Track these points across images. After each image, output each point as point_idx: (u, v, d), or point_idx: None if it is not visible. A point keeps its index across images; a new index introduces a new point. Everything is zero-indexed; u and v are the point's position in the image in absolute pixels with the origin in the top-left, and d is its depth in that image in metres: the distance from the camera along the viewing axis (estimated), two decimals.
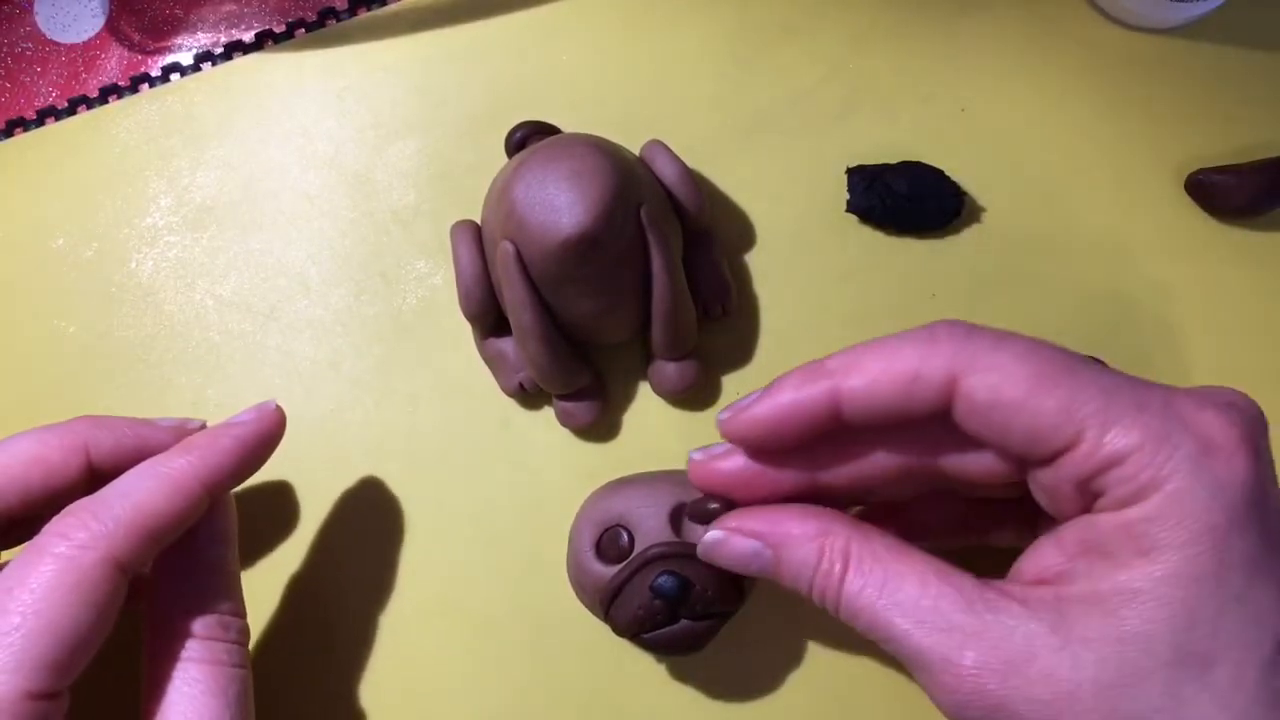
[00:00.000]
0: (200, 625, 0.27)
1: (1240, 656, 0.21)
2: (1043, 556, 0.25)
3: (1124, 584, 0.22)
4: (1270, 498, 0.22)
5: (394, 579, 0.34)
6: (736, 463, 0.27)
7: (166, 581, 0.28)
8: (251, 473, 0.30)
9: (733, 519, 0.27)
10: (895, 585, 0.24)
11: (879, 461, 0.26)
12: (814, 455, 0.26)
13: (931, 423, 0.25)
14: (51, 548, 0.25)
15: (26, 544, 0.26)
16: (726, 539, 0.27)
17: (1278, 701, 0.21)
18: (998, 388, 0.23)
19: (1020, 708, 0.22)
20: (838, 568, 0.25)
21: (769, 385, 0.26)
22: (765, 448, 0.27)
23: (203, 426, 0.31)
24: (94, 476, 0.28)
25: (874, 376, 0.24)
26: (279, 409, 0.31)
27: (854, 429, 0.25)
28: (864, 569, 0.25)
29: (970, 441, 0.25)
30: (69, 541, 0.25)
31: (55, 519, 0.26)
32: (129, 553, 0.26)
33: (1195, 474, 0.22)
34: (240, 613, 0.29)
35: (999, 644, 0.23)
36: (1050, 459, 0.23)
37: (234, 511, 0.30)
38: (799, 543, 0.26)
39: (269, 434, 0.30)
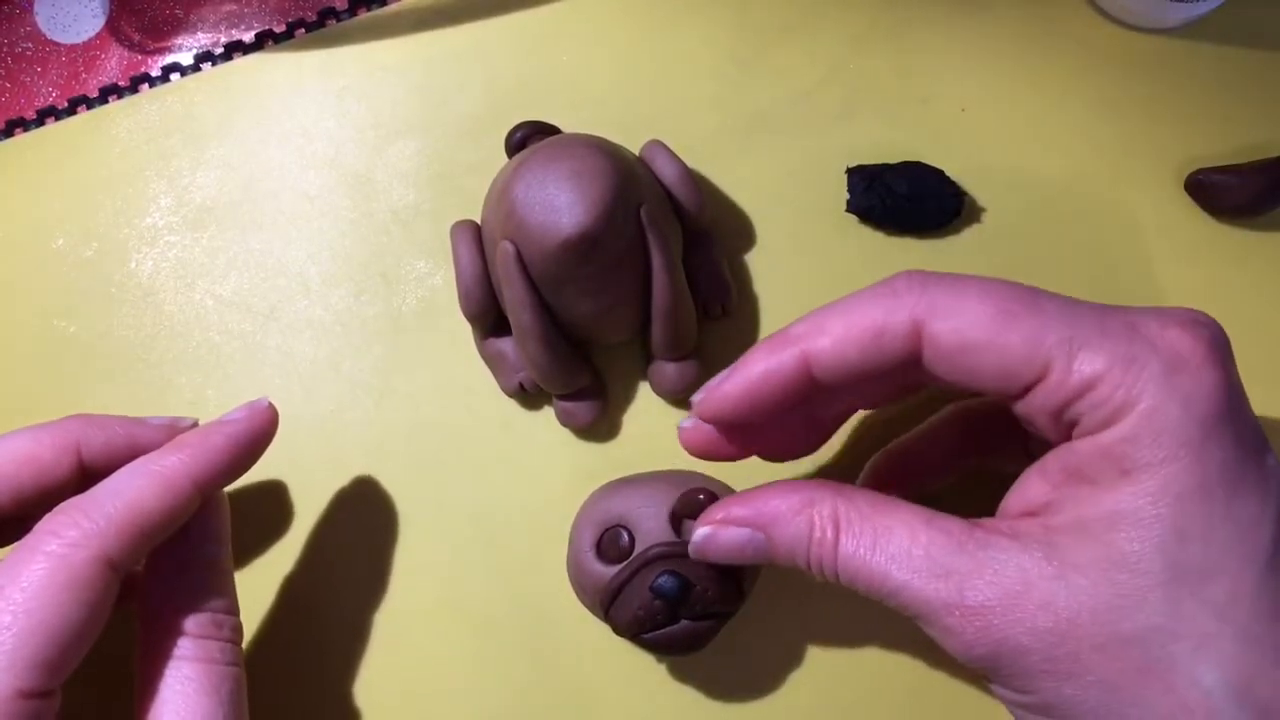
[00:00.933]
0: (193, 623, 0.27)
1: (1235, 568, 0.21)
2: (1029, 489, 0.25)
3: (1109, 507, 0.22)
4: (1242, 409, 0.23)
5: (394, 579, 0.34)
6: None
7: (159, 579, 0.28)
8: (244, 470, 0.30)
9: (717, 510, 0.27)
10: (886, 540, 0.24)
11: (859, 402, 0.27)
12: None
13: (905, 367, 0.25)
14: (43, 546, 0.25)
15: (17, 543, 0.26)
16: (715, 533, 0.27)
17: (1277, 612, 0.21)
18: (962, 330, 0.23)
19: (1024, 639, 0.22)
20: (829, 534, 0.25)
21: (738, 361, 0.26)
22: (742, 422, 0.27)
23: (194, 425, 0.31)
24: (85, 475, 0.28)
25: (839, 335, 0.25)
26: (271, 406, 0.31)
27: (829, 389, 0.26)
28: (854, 530, 0.25)
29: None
30: (60, 540, 0.25)
31: (47, 517, 0.26)
32: (121, 551, 0.26)
33: (1166, 390, 0.22)
34: (233, 610, 0.29)
35: (995, 580, 0.23)
36: (1023, 393, 0.24)
37: (226, 509, 0.30)
38: (787, 519, 0.26)
39: (261, 432, 0.30)
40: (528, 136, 0.35)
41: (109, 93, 0.39)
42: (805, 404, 0.27)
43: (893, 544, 0.24)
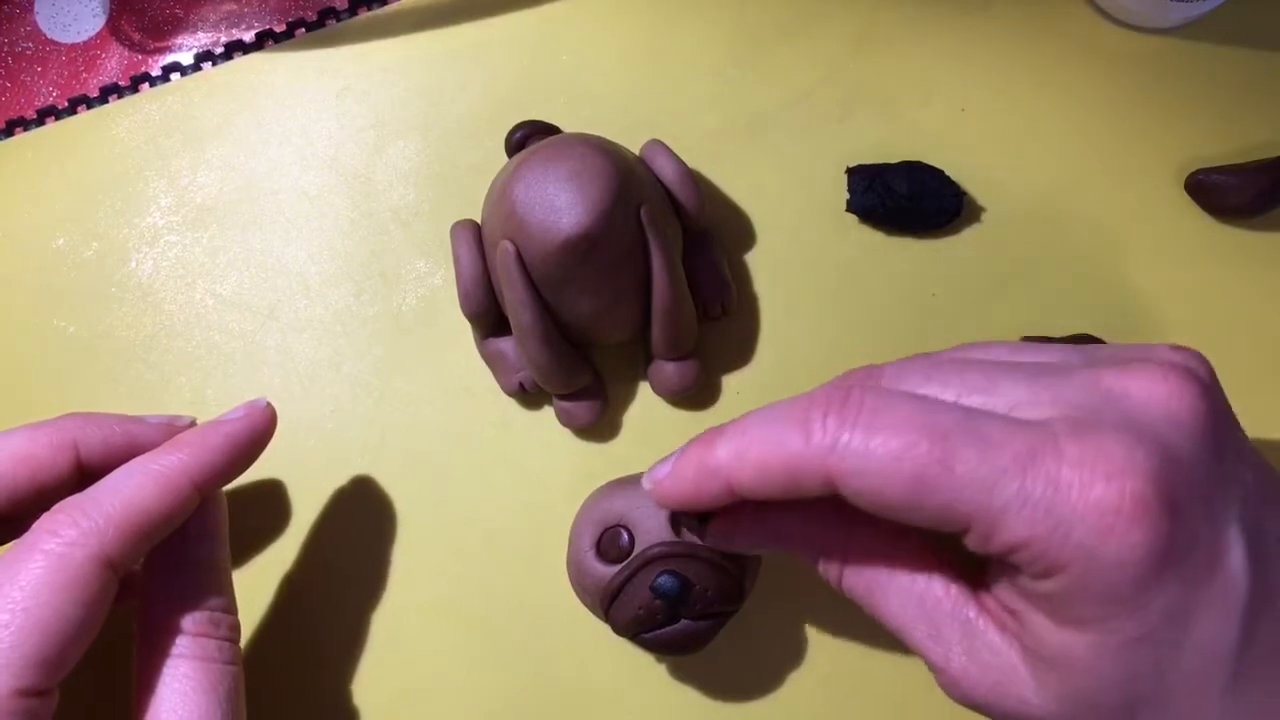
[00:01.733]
0: (190, 622, 0.27)
1: (1194, 693, 0.22)
2: (1005, 588, 0.24)
3: (1063, 647, 0.22)
4: (1187, 545, 0.21)
5: (393, 578, 0.34)
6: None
7: (157, 579, 0.28)
8: (242, 470, 0.30)
9: (737, 515, 0.27)
10: (887, 582, 0.25)
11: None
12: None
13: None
14: (41, 544, 0.25)
15: (15, 541, 0.26)
16: (731, 534, 0.27)
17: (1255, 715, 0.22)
18: (874, 494, 0.22)
19: (1006, 712, 0.24)
20: (834, 571, 0.26)
21: (676, 463, 0.25)
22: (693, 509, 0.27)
23: (192, 423, 0.31)
24: (83, 474, 0.28)
25: (759, 470, 0.24)
26: (269, 406, 0.31)
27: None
28: (860, 571, 0.26)
29: None
30: (59, 538, 0.25)
31: (45, 515, 0.26)
32: (119, 550, 0.25)
33: (1092, 557, 0.21)
34: (231, 609, 0.29)
35: (983, 663, 0.24)
36: (949, 536, 0.23)
37: (224, 509, 0.30)
38: (799, 542, 0.27)
39: (260, 431, 0.30)
40: (528, 136, 0.35)
41: (109, 92, 0.39)
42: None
43: (893, 589, 0.25)
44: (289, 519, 0.34)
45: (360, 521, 0.34)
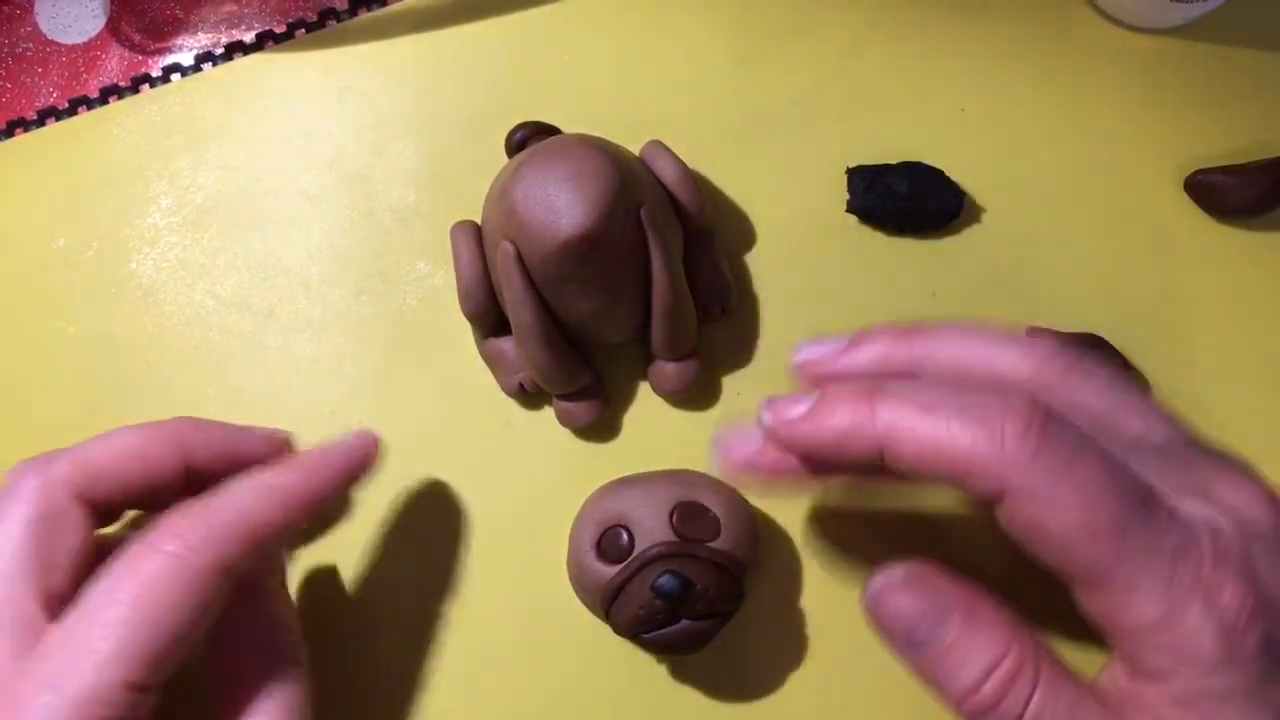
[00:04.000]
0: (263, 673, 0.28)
1: None
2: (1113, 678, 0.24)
3: (1133, 694, 0.23)
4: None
5: (393, 579, 0.34)
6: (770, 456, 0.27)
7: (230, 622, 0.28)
8: (338, 500, 0.30)
9: (903, 569, 0.25)
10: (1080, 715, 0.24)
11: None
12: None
13: None
14: (163, 545, 0.25)
15: (134, 536, 0.26)
16: (891, 589, 0.25)
17: None
18: (1039, 523, 0.23)
19: None
20: (1028, 676, 0.23)
21: (820, 408, 0.25)
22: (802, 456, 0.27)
23: (288, 439, 0.31)
24: (190, 476, 0.29)
25: (924, 451, 0.23)
26: (378, 439, 0.31)
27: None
28: (1054, 689, 0.23)
29: None
30: (180, 541, 0.25)
31: (167, 519, 0.26)
32: (235, 560, 0.26)
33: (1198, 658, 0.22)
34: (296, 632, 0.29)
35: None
36: (1069, 582, 0.24)
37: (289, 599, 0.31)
38: (987, 626, 0.24)
39: (368, 464, 0.30)
40: (528, 136, 0.35)
41: (109, 93, 0.39)
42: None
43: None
44: None
45: (359, 521, 0.34)
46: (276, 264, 0.37)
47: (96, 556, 0.26)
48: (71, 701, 0.23)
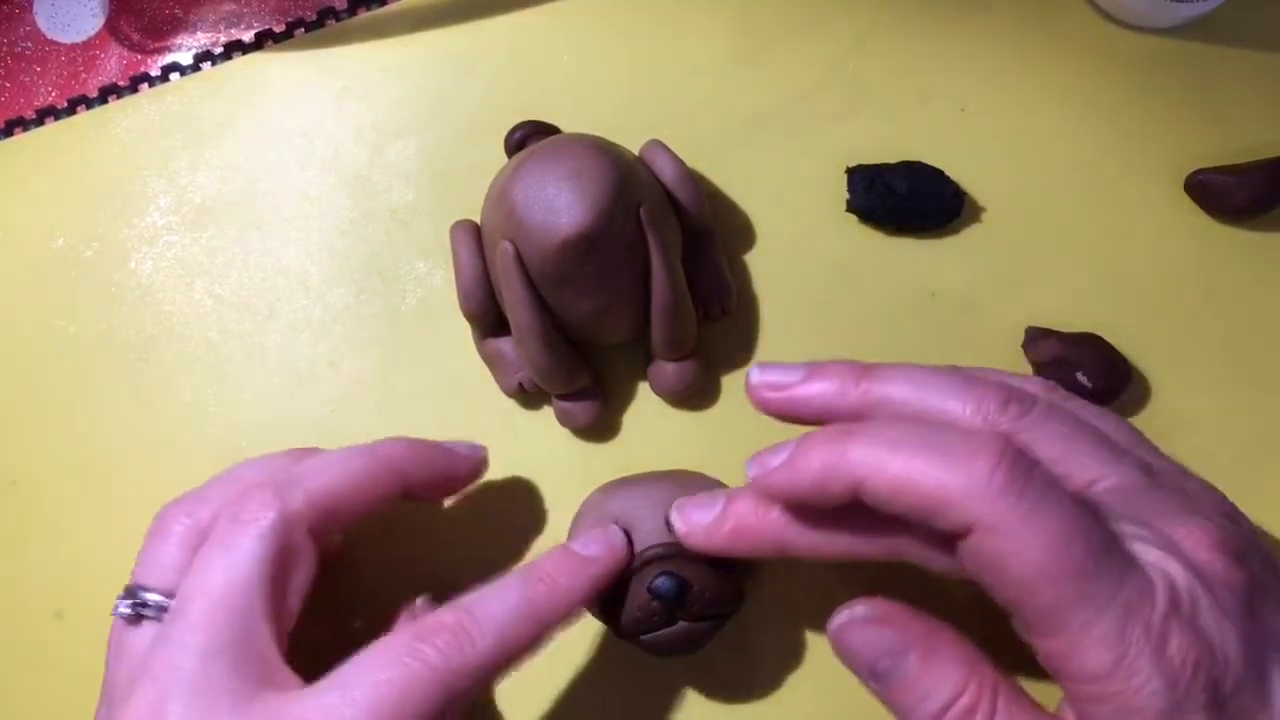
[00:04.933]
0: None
1: None
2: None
3: None
4: (1230, 694, 0.23)
5: (392, 579, 0.34)
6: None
7: None
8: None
9: (865, 605, 0.26)
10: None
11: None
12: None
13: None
14: (425, 652, 0.25)
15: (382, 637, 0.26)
16: (855, 624, 0.26)
17: None
18: (1002, 562, 0.23)
19: None
20: (984, 710, 0.24)
21: (795, 455, 0.25)
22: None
23: (485, 455, 0.32)
24: (405, 497, 0.30)
25: (897, 487, 0.24)
26: (623, 544, 0.29)
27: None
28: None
29: None
30: (442, 659, 0.25)
31: (438, 619, 0.26)
32: (484, 685, 0.26)
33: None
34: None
35: None
36: (1023, 624, 0.24)
37: None
38: (946, 662, 0.25)
39: (617, 571, 0.29)
40: (528, 136, 0.35)
41: (109, 92, 0.39)
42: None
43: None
44: None
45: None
46: (276, 264, 0.37)
47: None
48: None
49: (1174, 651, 0.22)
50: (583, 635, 0.33)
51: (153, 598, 0.27)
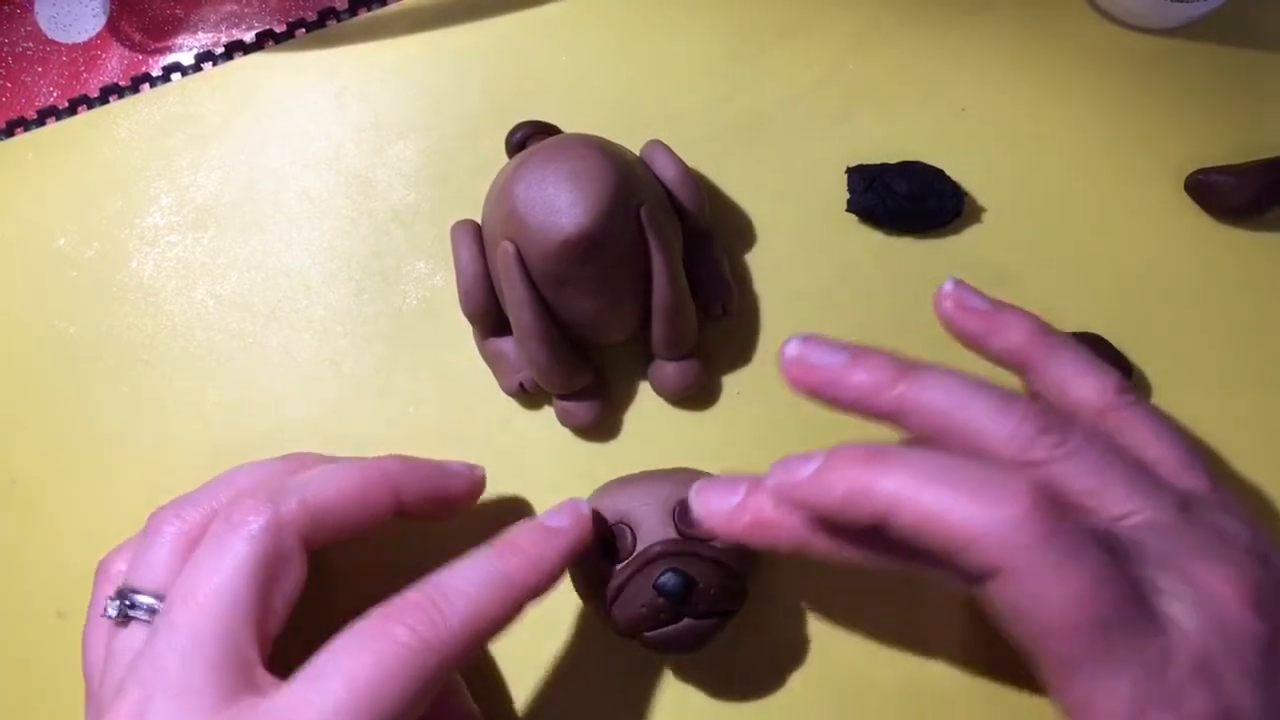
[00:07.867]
0: None
1: None
2: None
3: None
4: None
5: (392, 579, 0.34)
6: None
7: None
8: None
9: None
10: None
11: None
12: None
13: None
14: (394, 630, 0.25)
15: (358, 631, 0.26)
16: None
17: None
18: (1028, 607, 0.23)
19: None
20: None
21: (822, 472, 0.25)
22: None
23: (483, 475, 0.32)
24: (399, 515, 0.30)
25: (925, 522, 0.23)
26: (587, 513, 0.30)
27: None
28: None
29: None
30: (413, 634, 0.25)
31: (403, 599, 0.26)
32: (460, 659, 0.26)
33: None
34: None
35: None
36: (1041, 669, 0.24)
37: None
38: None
39: (585, 543, 0.29)
40: (528, 136, 0.35)
41: (110, 92, 0.39)
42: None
43: None
44: None
45: None
46: (277, 264, 0.37)
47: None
48: None
49: (1191, 710, 0.22)
50: (585, 634, 0.33)
51: (143, 599, 0.27)
